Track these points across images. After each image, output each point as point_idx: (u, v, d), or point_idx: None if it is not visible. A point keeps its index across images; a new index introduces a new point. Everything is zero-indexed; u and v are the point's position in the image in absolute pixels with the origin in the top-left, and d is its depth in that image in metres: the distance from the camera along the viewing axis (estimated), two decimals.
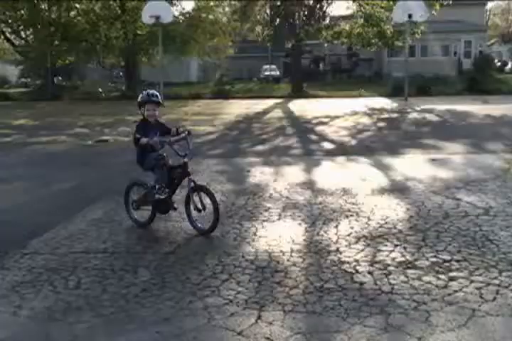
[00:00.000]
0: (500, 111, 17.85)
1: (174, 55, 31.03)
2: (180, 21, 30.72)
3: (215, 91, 28.64)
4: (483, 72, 34.44)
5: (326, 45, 35.12)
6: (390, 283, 4.23)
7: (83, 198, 7.31)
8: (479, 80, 28.17)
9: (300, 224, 5.87)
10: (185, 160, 5.45)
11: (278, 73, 42.14)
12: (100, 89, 31.15)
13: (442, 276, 4.33)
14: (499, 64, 57.11)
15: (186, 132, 5.56)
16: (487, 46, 56.98)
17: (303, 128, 15.16)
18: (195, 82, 39.47)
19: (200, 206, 5.43)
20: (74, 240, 5.52)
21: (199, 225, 5.56)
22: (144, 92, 5.50)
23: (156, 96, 5.49)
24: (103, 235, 5.64)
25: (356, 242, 5.22)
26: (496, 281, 4.19)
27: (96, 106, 24.98)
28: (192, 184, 5.47)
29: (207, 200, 5.44)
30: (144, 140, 5.31)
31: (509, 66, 54.37)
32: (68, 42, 29.82)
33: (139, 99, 5.49)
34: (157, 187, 5.59)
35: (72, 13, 31.28)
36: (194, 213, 5.56)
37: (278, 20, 31.51)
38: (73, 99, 28.29)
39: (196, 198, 5.47)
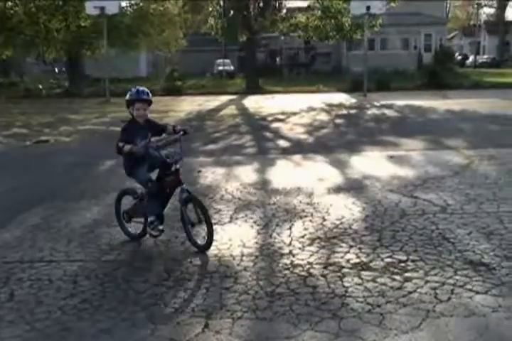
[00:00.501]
0: (461, 106, 18.31)
1: (121, 48, 30.65)
2: (128, 13, 30.36)
3: (165, 88, 28.42)
4: (444, 66, 35.22)
5: (282, 38, 35.30)
6: (343, 286, 4.29)
7: (20, 203, 7.14)
8: (439, 74, 28.80)
9: (252, 226, 5.89)
10: (178, 166, 5.08)
11: (232, 68, 42.13)
12: (41, 86, 30.50)
13: (397, 277, 4.42)
14: (460, 58, 58.72)
15: (181, 132, 5.16)
16: (448, 39, 58.44)
17: (258, 125, 15.20)
18: (145, 78, 39.06)
19: (194, 219, 5.07)
20: (8, 248, 5.39)
21: (199, 241, 5.17)
22: (132, 89, 5.10)
23: (147, 93, 5.07)
24: (40, 243, 5.52)
25: (310, 244, 5.27)
26: (451, 281, 4.30)
27: (36, 104, 24.45)
28: (185, 194, 5.07)
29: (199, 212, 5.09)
30: (127, 147, 4.85)
31: (470, 60, 55.95)
32: (4, 34, 29.06)
33: (127, 97, 5.08)
34: (149, 220, 5.22)
35: (9, 4, 30.51)
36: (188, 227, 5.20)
37: (231, 11, 31.50)
38: (11, 97, 27.60)
39: (190, 210, 5.10)
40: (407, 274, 4.47)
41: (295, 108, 19.28)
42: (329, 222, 5.93)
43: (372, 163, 9.21)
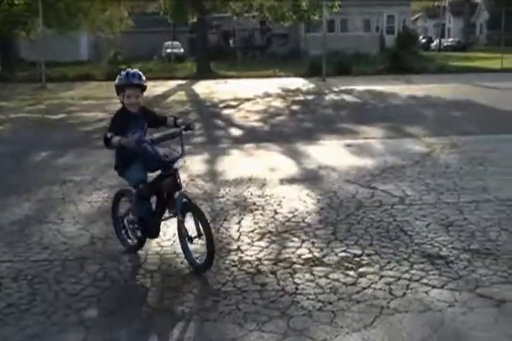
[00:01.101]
0: (424, 92, 18.63)
1: (59, 29, 29.98)
2: None
3: (108, 72, 27.97)
4: (407, 49, 35.84)
5: (235, 19, 35.14)
6: (294, 283, 4.31)
7: None
8: (402, 58, 29.23)
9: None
10: (176, 166, 4.56)
11: (182, 51, 41.83)
12: None
13: (351, 273, 4.47)
14: (424, 40, 59.76)
15: (182, 126, 4.66)
16: (411, 21, 59.35)
17: (208, 112, 15.15)
18: (86, 61, 38.41)
19: (192, 233, 4.56)
20: None
21: (197, 261, 4.61)
22: (122, 73, 4.57)
23: (139, 77, 4.54)
24: None
25: (260, 239, 5.29)
26: (407, 275, 4.38)
27: None
28: (183, 200, 4.53)
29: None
30: (115, 139, 4.30)
31: (435, 43, 56.99)
32: None
33: (116, 81, 4.57)
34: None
35: None
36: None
37: None
38: None
39: (187, 221, 4.55)
40: (361, 269, 4.52)
41: (249, 94, 19.28)
42: (281, 215, 5.95)
43: (329, 153, 9.29)
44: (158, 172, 4.64)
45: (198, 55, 31.13)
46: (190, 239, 4.57)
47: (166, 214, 4.80)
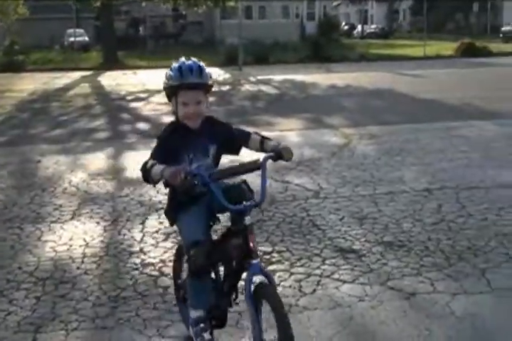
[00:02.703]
0: (345, 81, 19.07)
1: None
2: None
3: (3, 63, 27.17)
4: (328, 36, 36.61)
5: (144, 4, 34.81)
6: None
7: None
8: (324, 46, 29.84)
9: (98, 222, 5.81)
10: (247, 221, 3.01)
11: (87, 39, 41.02)
12: None
13: None
14: (347, 27, 61.10)
15: (271, 154, 3.11)
16: (333, 7, 60.52)
17: (114, 106, 14.98)
18: None
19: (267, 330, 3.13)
20: None
21: None
22: (174, 66, 3.18)
23: (200, 72, 3.14)
24: None
25: (165, 239, 5.28)
26: (318, 271, 4.48)
27: None
28: (257, 278, 3.02)
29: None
30: (157, 169, 2.97)
31: (358, 30, 58.31)
32: None
33: (165, 80, 3.22)
34: (191, 317, 3.35)
35: None
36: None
37: None
38: None
39: (261, 308, 3.08)
40: (271, 267, 4.59)
41: (160, 85, 18.79)
42: None
43: None
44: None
45: (104, 44, 30.65)
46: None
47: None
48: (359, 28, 58.66)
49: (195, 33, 43.14)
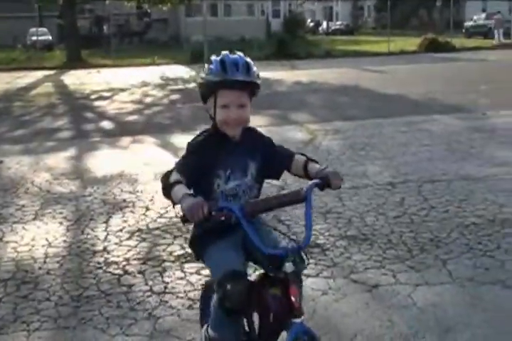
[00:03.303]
0: (310, 77, 19.15)
1: None
2: None
3: None
4: (294, 33, 36.71)
5: (107, 2, 34.52)
6: (163, 282, 4.32)
7: None
8: (289, 43, 29.94)
9: (61, 222, 5.75)
10: (287, 269, 2.43)
11: (50, 38, 40.52)
12: None
13: None
14: (312, 24, 61.31)
15: (316, 181, 2.53)
16: (298, 4, 60.67)
17: (78, 105, 14.85)
18: None
19: None
20: None
21: None
22: (215, 59, 2.62)
23: (247, 68, 2.57)
24: None
25: (129, 238, 5.26)
26: None
27: None
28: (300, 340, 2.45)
29: None
30: (178, 192, 2.39)
31: (323, 26, 58.57)
32: None
33: (203, 75, 2.63)
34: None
35: None
36: None
37: None
38: None
39: None
40: None
41: (125, 84, 19.07)
42: (153, 212, 5.94)
43: None
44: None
45: (68, 43, 30.33)
46: None
47: None
48: (324, 24, 58.94)
49: (160, 31, 42.92)
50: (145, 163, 8.10)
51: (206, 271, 4.45)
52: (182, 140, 9.70)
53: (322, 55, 29.33)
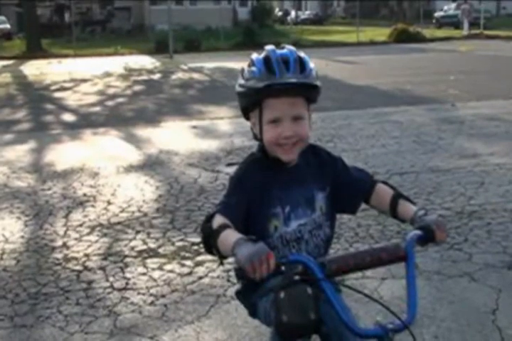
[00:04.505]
0: None
1: None
2: None
3: None
4: (261, 22, 36.67)
5: None
6: (124, 278, 4.30)
7: None
8: (257, 32, 29.92)
9: (19, 217, 5.69)
10: None
11: (8, 27, 39.87)
12: None
13: (188, 262, 4.53)
14: (280, 14, 61.27)
15: (416, 232, 1.95)
16: None
17: (37, 96, 14.66)
18: None
19: None
20: None
21: None
22: (256, 58, 2.09)
23: (302, 67, 2.04)
24: None
25: (90, 233, 5.22)
26: None
27: None
28: None
29: None
30: (225, 238, 1.85)
31: (292, 16, 58.56)
32: None
33: (242, 79, 2.11)
34: None
35: None
36: None
37: None
38: None
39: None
40: (199, 258, 4.59)
41: (87, 74, 18.91)
42: (115, 206, 5.91)
43: (172, 136, 9.33)
44: None
45: (28, 32, 29.89)
46: None
47: None
48: (293, 14, 58.94)
49: (124, 20, 42.51)
50: (107, 157, 8.05)
51: (169, 266, 4.46)
52: (145, 132, 9.71)
53: (290, 44, 29.17)
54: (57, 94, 14.84)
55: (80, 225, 5.41)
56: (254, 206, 2.07)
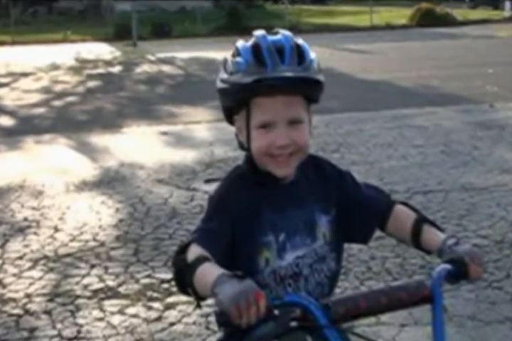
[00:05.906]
0: None
1: None
2: None
3: None
4: (249, 2, 36.86)
5: None
6: (76, 324, 4.32)
7: None
8: (243, 14, 30.11)
9: None
10: None
11: None
12: None
13: (156, 304, 4.56)
14: None
15: (445, 266, 1.90)
16: None
17: None
18: None
19: None
20: None
21: None
22: (243, 46, 2.06)
23: (300, 57, 2.00)
24: None
25: (32, 267, 5.25)
26: None
27: None
28: None
29: None
30: (202, 273, 1.79)
31: None
32: None
33: (225, 73, 2.09)
34: None
35: None
36: None
37: None
38: None
39: None
40: (170, 299, 4.62)
41: (28, 66, 19.01)
42: (64, 234, 5.94)
43: (137, 144, 9.40)
44: None
45: None
46: None
47: None
48: None
49: None
50: (54, 171, 8.08)
51: (132, 310, 4.48)
52: (102, 140, 9.75)
53: (286, 29, 29.20)
54: None
55: (20, 258, 5.43)
56: (240, 233, 2.02)
